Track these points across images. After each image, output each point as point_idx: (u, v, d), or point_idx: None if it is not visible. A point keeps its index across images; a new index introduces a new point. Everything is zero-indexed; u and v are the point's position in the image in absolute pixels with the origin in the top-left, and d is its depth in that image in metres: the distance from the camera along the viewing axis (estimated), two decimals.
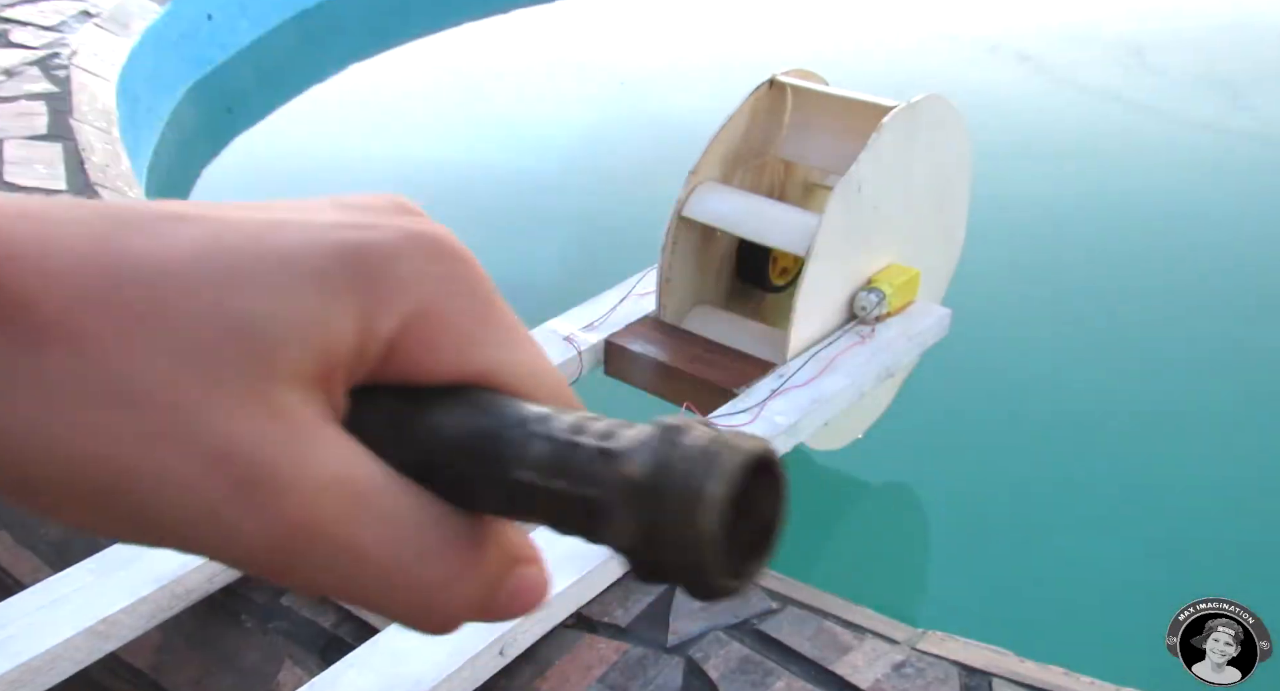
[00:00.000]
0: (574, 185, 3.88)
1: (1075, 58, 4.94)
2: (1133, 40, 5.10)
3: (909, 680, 1.38)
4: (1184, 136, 4.20)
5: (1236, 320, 2.93)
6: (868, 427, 2.37)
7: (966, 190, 2.28)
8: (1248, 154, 4.01)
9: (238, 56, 4.98)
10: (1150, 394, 2.66)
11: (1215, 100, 4.44)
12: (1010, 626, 1.92)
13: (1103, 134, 4.12)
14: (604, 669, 1.39)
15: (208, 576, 1.48)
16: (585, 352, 1.97)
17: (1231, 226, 3.43)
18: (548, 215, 3.66)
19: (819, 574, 2.10)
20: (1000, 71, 4.91)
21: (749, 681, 1.37)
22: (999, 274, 3.05)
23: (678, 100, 4.50)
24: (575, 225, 3.61)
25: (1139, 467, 2.42)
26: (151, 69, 4.15)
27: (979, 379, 2.69)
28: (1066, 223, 3.47)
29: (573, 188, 3.87)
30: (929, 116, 2.04)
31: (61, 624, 1.36)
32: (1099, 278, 3.16)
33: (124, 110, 3.52)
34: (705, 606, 1.49)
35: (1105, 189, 3.69)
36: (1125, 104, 4.39)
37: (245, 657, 1.46)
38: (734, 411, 1.78)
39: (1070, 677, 1.42)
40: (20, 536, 1.68)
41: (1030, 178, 3.68)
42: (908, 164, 2.04)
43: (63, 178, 2.76)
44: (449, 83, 4.92)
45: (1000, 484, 2.36)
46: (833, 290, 2.00)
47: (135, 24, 4.23)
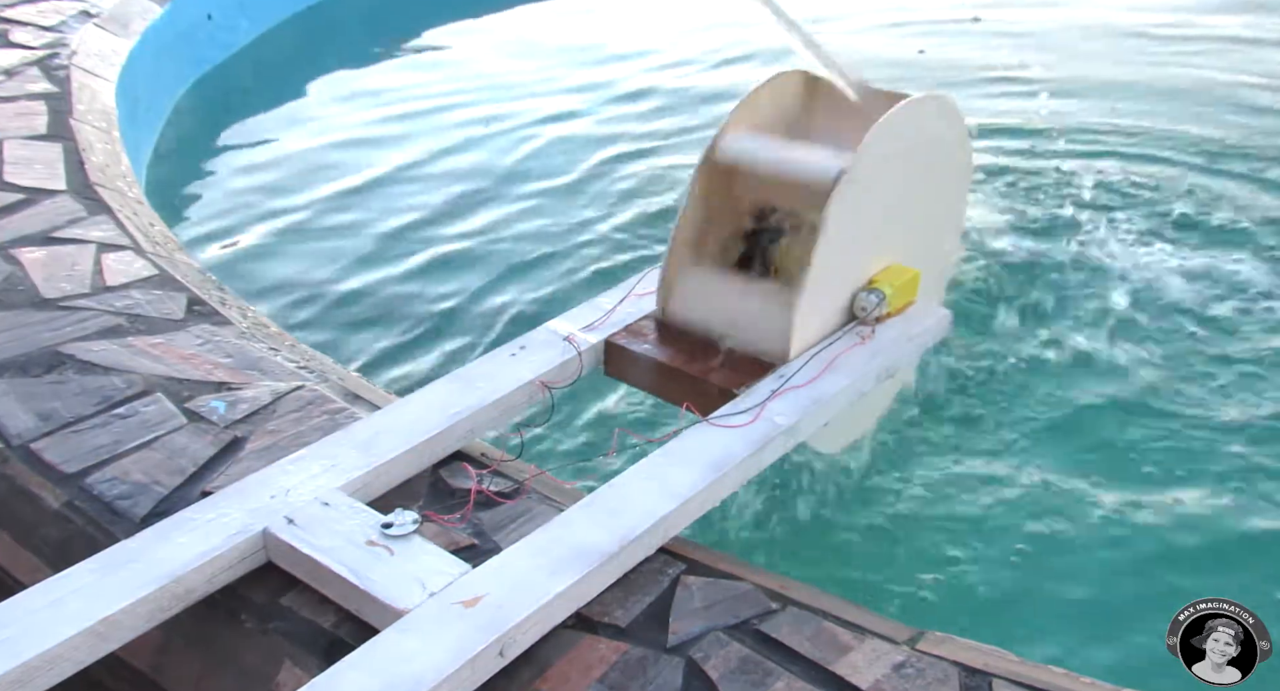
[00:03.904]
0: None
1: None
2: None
3: (909, 680, 1.38)
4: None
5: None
6: (869, 428, 2.37)
7: (966, 191, 2.28)
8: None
9: (237, 56, 4.99)
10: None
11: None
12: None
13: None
14: (604, 669, 1.39)
15: (208, 576, 1.48)
16: (585, 353, 1.97)
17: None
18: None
19: (819, 574, 2.10)
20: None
21: (749, 681, 1.37)
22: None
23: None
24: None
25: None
26: (151, 69, 4.15)
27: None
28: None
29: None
30: (929, 116, 2.05)
31: (61, 624, 1.36)
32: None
33: (124, 110, 3.52)
34: (705, 606, 1.49)
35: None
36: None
37: (245, 657, 1.46)
38: (734, 411, 1.78)
39: (1070, 678, 1.42)
40: (20, 536, 1.68)
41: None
42: (910, 159, 2.04)
43: (62, 177, 2.77)
44: (449, 81, 4.92)
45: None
46: (833, 290, 2.00)
47: (135, 24, 4.23)
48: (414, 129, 4.41)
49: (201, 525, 1.53)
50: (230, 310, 2.24)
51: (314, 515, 1.54)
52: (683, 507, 1.60)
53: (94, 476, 1.73)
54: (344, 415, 1.88)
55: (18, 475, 1.75)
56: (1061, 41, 5.19)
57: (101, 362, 2.00)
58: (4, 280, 2.27)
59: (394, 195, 3.87)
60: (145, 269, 2.35)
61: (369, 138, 4.33)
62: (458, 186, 3.91)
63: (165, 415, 1.87)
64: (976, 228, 3.17)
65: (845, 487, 2.33)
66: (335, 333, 3.06)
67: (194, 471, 1.73)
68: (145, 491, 1.69)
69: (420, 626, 1.36)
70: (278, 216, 3.74)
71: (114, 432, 1.82)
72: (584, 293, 2.11)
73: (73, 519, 1.66)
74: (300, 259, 3.47)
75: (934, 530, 2.27)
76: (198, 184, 4.04)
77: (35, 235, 2.47)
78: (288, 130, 4.47)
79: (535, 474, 1.76)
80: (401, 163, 4.12)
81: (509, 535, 1.60)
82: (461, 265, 3.39)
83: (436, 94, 4.77)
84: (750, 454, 1.70)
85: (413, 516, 1.53)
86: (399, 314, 3.15)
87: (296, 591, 1.51)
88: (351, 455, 1.67)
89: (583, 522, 1.54)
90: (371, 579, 1.44)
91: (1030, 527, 2.26)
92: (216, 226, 3.68)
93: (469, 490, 1.67)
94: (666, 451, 1.70)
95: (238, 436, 1.81)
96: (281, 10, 5.41)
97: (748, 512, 2.20)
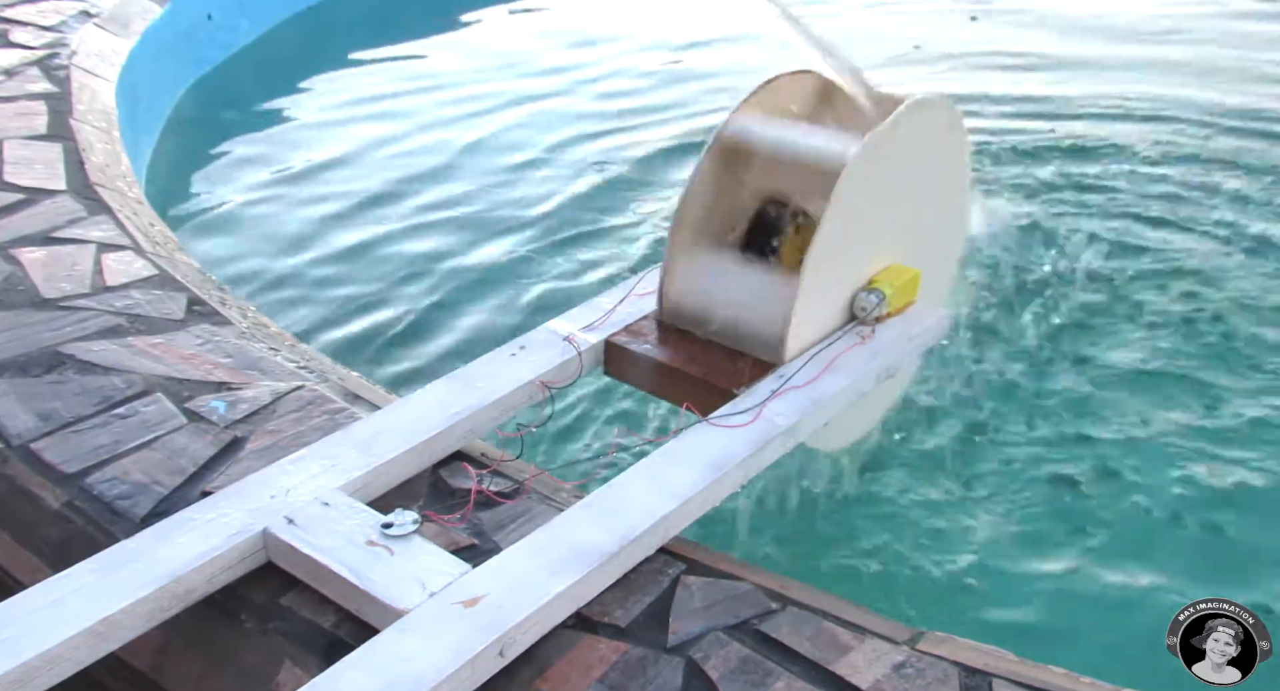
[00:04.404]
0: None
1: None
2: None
3: (909, 680, 1.38)
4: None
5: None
6: (870, 429, 2.37)
7: (967, 191, 2.28)
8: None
9: (237, 56, 4.99)
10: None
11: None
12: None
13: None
14: (604, 669, 1.39)
15: (208, 576, 1.48)
16: (585, 353, 1.97)
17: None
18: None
19: (819, 574, 2.10)
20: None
21: (749, 681, 1.37)
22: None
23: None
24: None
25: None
26: (151, 69, 4.15)
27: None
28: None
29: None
30: (929, 116, 2.04)
31: (61, 624, 1.36)
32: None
33: (124, 110, 3.52)
34: (705, 606, 1.49)
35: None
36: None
37: (245, 657, 1.46)
38: (734, 411, 1.78)
39: (1070, 678, 1.42)
40: (20, 536, 1.68)
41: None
42: (912, 160, 2.04)
43: (62, 177, 2.77)
44: (450, 81, 4.92)
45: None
46: (833, 290, 2.00)
47: (135, 24, 4.23)
48: (414, 129, 4.41)
49: (201, 525, 1.53)
50: (230, 310, 2.24)
51: (314, 515, 1.54)
52: (683, 507, 1.60)
53: (94, 476, 1.73)
54: (344, 415, 1.88)
55: (18, 475, 1.75)
56: (1061, 39, 5.20)
57: (101, 363, 2.00)
58: (4, 280, 2.27)
59: (395, 195, 3.87)
60: (145, 269, 2.35)
61: (369, 138, 4.33)
62: (458, 186, 3.92)
63: (165, 415, 1.87)
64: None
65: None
66: (335, 332, 3.06)
67: (194, 471, 1.73)
68: (145, 491, 1.69)
69: (420, 626, 1.36)
70: (278, 216, 3.74)
71: (114, 432, 1.82)
72: (588, 292, 2.11)
73: (73, 519, 1.66)
74: (300, 258, 3.47)
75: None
76: (198, 184, 4.04)
77: (35, 235, 2.47)
78: (288, 130, 4.47)
79: (535, 474, 1.76)
80: (401, 162, 4.12)
81: (509, 535, 1.60)
82: (462, 264, 3.39)
83: (437, 94, 4.77)
84: (750, 454, 1.70)
85: (413, 516, 1.53)
86: (400, 314, 3.15)
87: (296, 591, 1.51)
88: (351, 455, 1.67)
89: (583, 522, 1.54)
90: (371, 579, 1.44)
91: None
92: (217, 226, 3.69)
93: (469, 490, 1.67)
94: (666, 451, 1.70)
95: (238, 436, 1.81)
96: (281, 10, 5.42)
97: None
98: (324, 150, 4.24)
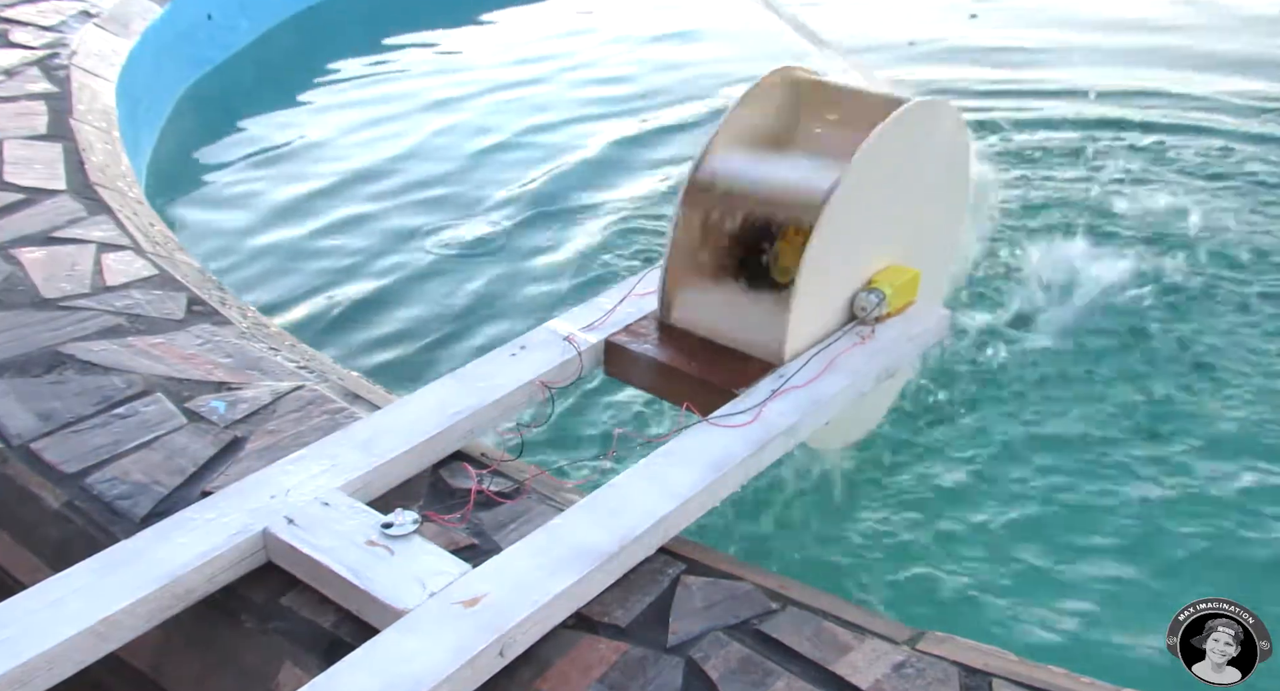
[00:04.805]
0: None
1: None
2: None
3: (909, 680, 1.38)
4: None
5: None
6: (870, 429, 2.37)
7: (967, 191, 2.28)
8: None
9: (237, 56, 4.98)
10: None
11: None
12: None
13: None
14: (604, 669, 1.39)
15: (208, 576, 1.48)
16: (585, 353, 1.97)
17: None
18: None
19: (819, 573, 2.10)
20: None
21: (749, 681, 1.37)
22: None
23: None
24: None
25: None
26: (151, 69, 4.15)
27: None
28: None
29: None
30: (929, 117, 2.04)
31: (61, 624, 1.36)
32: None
33: (124, 110, 3.52)
34: (705, 606, 1.49)
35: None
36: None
37: (245, 657, 1.46)
38: (734, 411, 1.78)
39: (1070, 678, 1.42)
40: (20, 536, 1.68)
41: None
42: (908, 164, 2.04)
43: (62, 177, 2.77)
44: (450, 81, 4.91)
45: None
46: (832, 291, 2.00)
47: (135, 24, 4.23)
48: (414, 129, 4.41)
49: (201, 525, 1.53)
50: (230, 310, 2.24)
51: (314, 515, 1.54)
52: (683, 507, 1.60)
53: (94, 476, 1.73)
54: (344, 415, 1.88)
55: (18, 475, 1.75)
56: (1059, 38, 5.20)
57: (101, 362, 2.00)
58: (4, 280, 2.27)
59: (394, 195, 3.86)
60: (145, 269, 2.35)
61: (369, 138, 4.33)
62: (458, 186, 3.91)
63: (165, 415, 1.87)
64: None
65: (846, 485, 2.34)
66: (335, 332, 3.06)
67: (194, 471, 1.73)
68: (145, 491, 1.69)
69: (420, 626, 1.36)
70: (277, 216, 3.74)
71: (114, 432, 1.82)
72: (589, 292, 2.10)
73: (73, 519, 1.66)
74: (300, 258, 3.47)
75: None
76: (198, 184, 4.04)
77: (35, 235, 2.47)
78: (287, 130, 4.46)
79: (535, 474, 1.76)
80: (401, 163, 4.12)
81: (509, 535, 1.60)
82: (463, 265, 3.39)
83: (437, 94, 4.76)
84: (750, 454, 1.70)
85: (413, 516, 1.53)
86: (399, 313, 3.15)
87: (296, 591, 1.51)
88: (351, 455, 1.67)
89: (583, 522, 1.54)
90: (371, 579, 1.44)
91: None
92: (216, 226, 3.68)
93: (469, 490, 1.67)
94: (666, 451, 1.70)
95: (238, 436, 1.81)
96: (281, 10, 5.41)
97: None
98: (324, 150, 4.24)
